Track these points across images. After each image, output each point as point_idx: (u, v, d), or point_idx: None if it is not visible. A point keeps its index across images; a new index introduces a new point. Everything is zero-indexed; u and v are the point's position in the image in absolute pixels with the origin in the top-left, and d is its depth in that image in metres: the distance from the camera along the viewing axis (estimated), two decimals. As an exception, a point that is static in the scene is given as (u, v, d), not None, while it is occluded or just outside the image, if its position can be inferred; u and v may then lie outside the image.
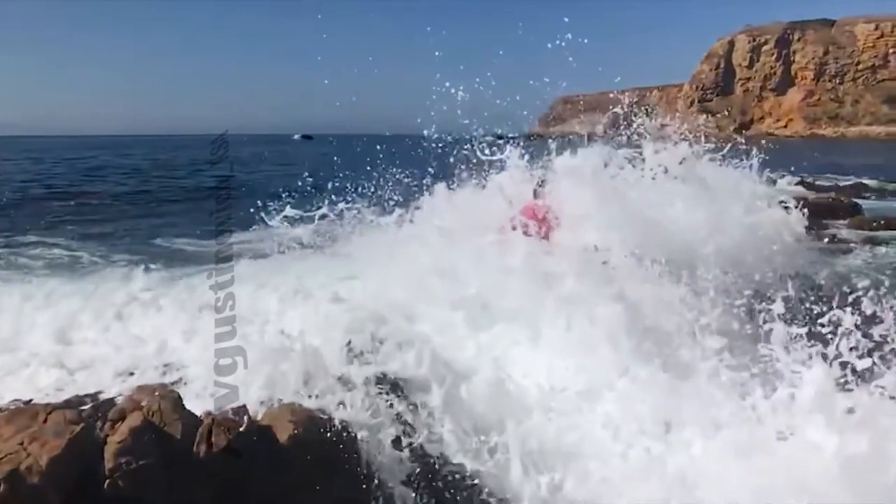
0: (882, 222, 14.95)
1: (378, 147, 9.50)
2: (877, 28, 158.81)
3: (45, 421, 3.83)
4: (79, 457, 3.68)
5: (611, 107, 8.73)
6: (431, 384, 4.69)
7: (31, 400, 4.38)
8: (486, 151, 7.80)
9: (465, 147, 7.94)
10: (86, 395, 4.35)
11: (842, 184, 26.80)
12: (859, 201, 19.03)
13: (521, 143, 7.92)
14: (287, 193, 8.74)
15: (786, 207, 7.97)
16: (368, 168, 8.90)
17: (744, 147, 8.37)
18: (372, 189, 8.70)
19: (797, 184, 24.36)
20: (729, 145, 8.19)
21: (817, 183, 26.06)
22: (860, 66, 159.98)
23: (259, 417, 4.13)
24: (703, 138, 8.08)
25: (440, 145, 8.34)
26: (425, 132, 8.47)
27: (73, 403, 4.17)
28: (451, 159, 8.14)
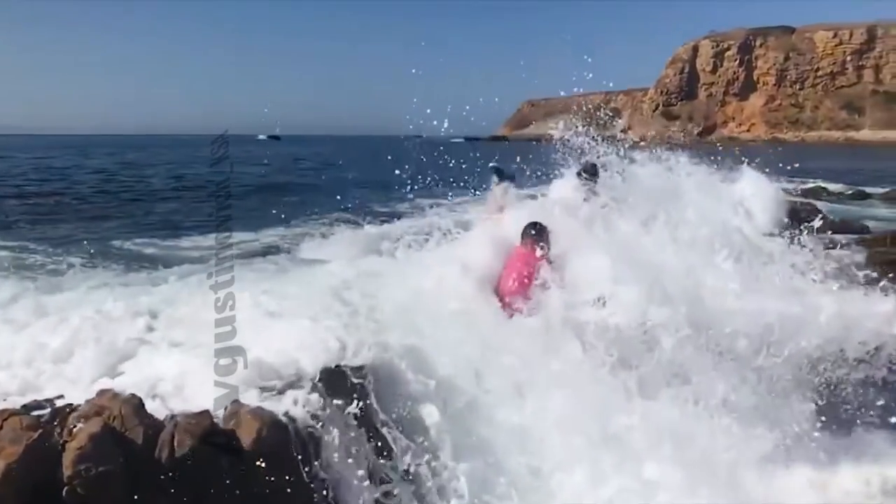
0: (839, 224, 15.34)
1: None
2: (835, 36, 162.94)
3: (0, 427, 3.73)
4: (37, 463, 3.59)
5: (575, 109, 8.09)
6: None
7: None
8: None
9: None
10: (44, 400, 4.23)
11: (802, 187, 27.36)
12: (818, 203, 19.54)
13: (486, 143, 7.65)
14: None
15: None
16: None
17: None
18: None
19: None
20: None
21: (781, 186, 26.56)
22: (819, 73, 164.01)
23: (222, 422, 4.06)
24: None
25: (414, 186, 7.91)
26: (396, 170, 8.08)
27: (31, 408, 4.06)
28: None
